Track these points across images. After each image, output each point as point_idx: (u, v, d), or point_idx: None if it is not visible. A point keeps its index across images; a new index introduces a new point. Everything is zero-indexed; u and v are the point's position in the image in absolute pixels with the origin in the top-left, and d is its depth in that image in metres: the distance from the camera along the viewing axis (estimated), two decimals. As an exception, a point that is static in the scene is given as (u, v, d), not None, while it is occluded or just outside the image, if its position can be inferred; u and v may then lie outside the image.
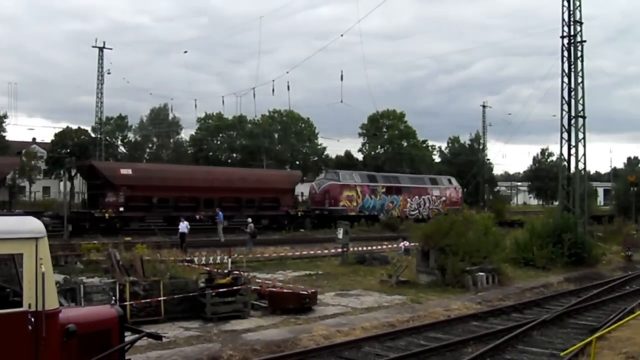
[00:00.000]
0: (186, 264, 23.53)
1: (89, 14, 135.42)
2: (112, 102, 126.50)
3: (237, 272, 18.66)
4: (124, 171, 44.93)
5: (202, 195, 47.00)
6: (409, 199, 60.38)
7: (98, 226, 40.84)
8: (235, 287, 16.92)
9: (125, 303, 15.00)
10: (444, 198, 62.49)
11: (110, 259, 18.22)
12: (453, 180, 66.15)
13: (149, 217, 45.37)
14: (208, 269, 20.64)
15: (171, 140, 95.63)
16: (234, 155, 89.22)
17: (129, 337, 6.49)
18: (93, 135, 75.71)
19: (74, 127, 79.19)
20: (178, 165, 60.78)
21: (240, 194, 49.31)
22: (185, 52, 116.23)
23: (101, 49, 68.08)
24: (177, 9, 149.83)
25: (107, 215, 41.98)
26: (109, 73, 68.38)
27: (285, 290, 18.58)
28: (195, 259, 25.97)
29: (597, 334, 12.58)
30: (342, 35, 45.26)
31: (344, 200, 54.89)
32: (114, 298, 15.16)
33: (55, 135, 77.87)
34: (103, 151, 71.74)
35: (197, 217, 45.24)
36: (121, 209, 43.09)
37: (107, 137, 79.42)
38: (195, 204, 46.78)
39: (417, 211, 60.15)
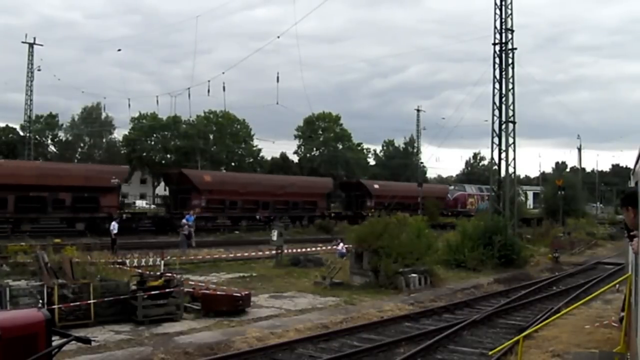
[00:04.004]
0: (117, 266, 23.10)
1: (18, 8, 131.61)
2: (43, 100, 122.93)
3: (169, 275, 18.42)
4: (376, 186, 64.49)
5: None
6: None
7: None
8: (167, 290, 16.72)
9: (54, 306, 14.65)
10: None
11: (38, 261, 17.75)
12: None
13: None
14: (140, 271, 20.32)
15: (104, 140, 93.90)
16: (168, 156, 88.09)
17: (56, 341, 6.33)
18: (22, 133, 73.77)
19: (2, 124, 77.04)
20: (397, 183, 76.13)
21: (409, 200, 63.10)
22: (119, 50, 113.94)
23: (31, 45, 66.38)
24: (110, 6, 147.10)
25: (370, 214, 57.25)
26: (39, 70, 66.84)
27: (218, 293, 18.42)
28: (127, 261, 25.52)
29: (524, 333, 12.86)
30: (278, 37, 45.05)
31: (468, 205, 73.29)
32: (41, 301, 14.78)
33: (-18, 133, 75.54)
34: (32, 150, 69.84)
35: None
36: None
37: (37, 136, 77.44)
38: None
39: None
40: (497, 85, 34.95)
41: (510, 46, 34.91)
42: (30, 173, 41.54)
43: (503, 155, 35.03)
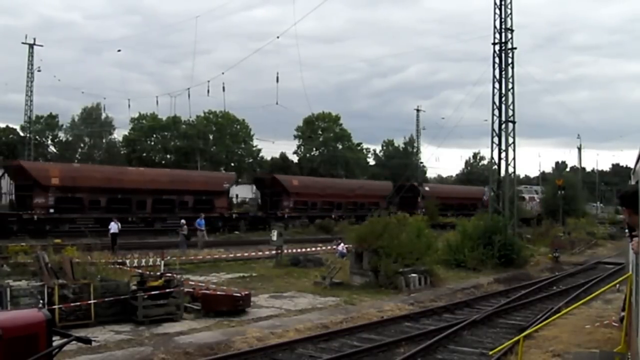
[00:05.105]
0: (118, 266, 23.10)
1: (18, 9, 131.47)
2: (43, 101, 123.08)
3: (169, 275, 18.41)
4: (427, 188, 72.17)
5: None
6: (527, 203, 79.07)
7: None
8: (167, 290, 16.72)
9: (54, 307, 14.65)
10: (538, 201, 80.00)
11: (38, 262, 17.74)
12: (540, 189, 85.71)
13: None
14: (140, 271, 20.32)
15: (104, 141, 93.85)
16: (168, 156, 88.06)
17: (57, 341, 6.33)
18: (22, 134, 73.74)
19: (2, 125, 77.06)
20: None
21: (456, 202, 72.83)
22: (119, 50, 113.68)
23: (31, 46, 66.33)
24: (109, 7, 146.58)
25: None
26: (39, 70, 66.72)
27: (218, 293, 18.43)
28: (127, 261, 25.52)
29: (524, 333, 12.87)
30: (278, 37, 45.24)
31: None
32: (41, 301, 14.77)
33: (-18, 134, 75.53)
34: (32, 150, 69.82)
35: None
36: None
37: (37, 137, 77.40)
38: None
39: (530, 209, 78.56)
40: (496, 85, 34.90)
41: (509, 46, 34.86)
42: (164, 179, 48.96)
43: (503, 155, 34.98)
